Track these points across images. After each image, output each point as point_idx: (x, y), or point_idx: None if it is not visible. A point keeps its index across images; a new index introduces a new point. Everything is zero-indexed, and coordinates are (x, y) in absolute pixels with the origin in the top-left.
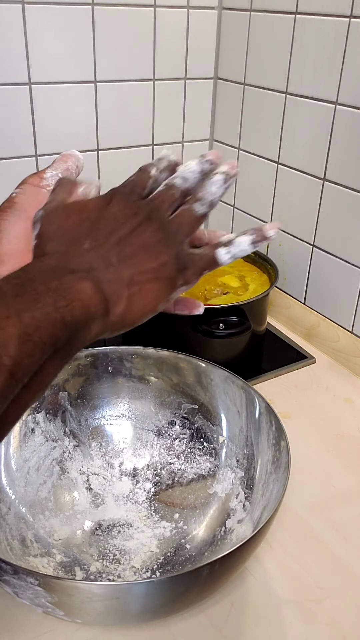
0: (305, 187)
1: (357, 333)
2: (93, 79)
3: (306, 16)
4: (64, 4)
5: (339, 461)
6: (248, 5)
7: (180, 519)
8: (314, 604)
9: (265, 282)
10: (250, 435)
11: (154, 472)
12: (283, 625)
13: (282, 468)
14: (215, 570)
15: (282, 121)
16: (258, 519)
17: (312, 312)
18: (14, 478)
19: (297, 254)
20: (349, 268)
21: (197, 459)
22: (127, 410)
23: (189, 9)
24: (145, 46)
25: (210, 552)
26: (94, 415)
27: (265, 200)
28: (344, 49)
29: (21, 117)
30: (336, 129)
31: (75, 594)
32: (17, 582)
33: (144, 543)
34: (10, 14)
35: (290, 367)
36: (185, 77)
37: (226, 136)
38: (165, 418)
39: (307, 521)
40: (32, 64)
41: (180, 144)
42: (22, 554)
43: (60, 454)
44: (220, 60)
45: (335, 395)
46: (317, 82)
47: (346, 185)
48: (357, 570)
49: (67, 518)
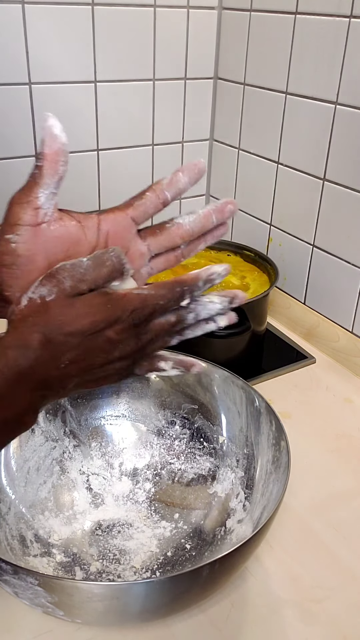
0: (305, 187)
1: (357, 333)
2: (93, 79)
3: (306, 16)
4: (64, 4)
5: (339, 461)
6: (248, 5)
7: (180, 519)
8: (314, 604)
9: (265, 282)
10: (250, 435)
11: (154, 472)
12: (283, 625)
13: (282, 468)
14: (215, 570)
15: (282, 121)
16: (258, 519)
17: (312, 312)
18: (14, 478)
19: (297, 254)
20: (349, 268)
21: (197, 459)
22: (127, 410)
23: (189, 9)
24: (145, 46)
25: (210, 552)
26: (94, 415)
27: (265, 200)
28: (344, 49)
29: (21, 117)
30: (336, 129)
31: (75, 594)
32: (17, 582)
33: (144, 543)
34: (10, 14)
35: (290, 367)
36: (185, 77)
37: (226, 136)
38: (165, 418)
39: (307, 521)
40: (32, 64)
41: (180, 144)
42: (22, 554)
43: (60, 454)
44: (220, 60)
45: (335, 395)
46: (317, 82)
47: (346, 185)
48: (357, 570)
49: (67, 518)
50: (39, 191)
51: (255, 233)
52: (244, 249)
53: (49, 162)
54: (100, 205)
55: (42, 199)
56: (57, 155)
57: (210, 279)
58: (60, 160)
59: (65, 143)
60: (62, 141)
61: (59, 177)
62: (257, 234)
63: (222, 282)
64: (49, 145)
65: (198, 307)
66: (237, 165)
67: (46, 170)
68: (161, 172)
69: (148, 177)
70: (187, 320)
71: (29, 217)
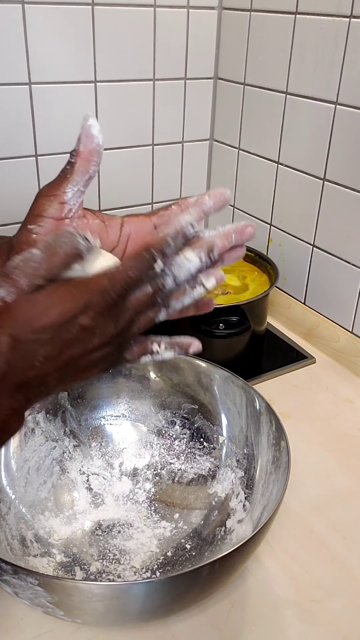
0: (305, 187)
1: (357, 333)
2: (93, 79)
3: (306, 16)
4: (64, 4)
5: (339, 461)
6: (248, 5)
7: (180, 519)
8: (314, 604)
9: (265, 282)
10: (250, 435)
11: (154, 472)
12: (283, 625)
13: (282, 468)
14: (215, 570)
15: (282, 121)
16: (258, 519)
17: (312, 312)
18: (14, 478)
19: (297, 254)
20: (349, 268)
21: (197, 459)
22: (127, 410)
23: (189, 9)
24: (145, 46)
25: (210, 552)
26: (94, 415)
27: (265, 200)
28: (344, 49)
29: (21, 117)
30: (336, 129)
31: (75, 594)
32: (17, 582)
33: (144, 543)
34: (10, 14)
35: (290, 367)
36: (185, 77)
37: (226, 136)
38: (165, 418)
39: (307, 521)
40: (32, 64)
41: (180, 144)
42: (22, 554)
43: (60, 454)
44: (220, 60)
45: (335, 395)
46: (317, 82)
47: (346, 185)
48: (357, 570)
49: (67, 518)
50: (67, 187)
51: (255, 233)
52: None
53: (82, 160)
54: (100, 205)
55: (69, 195)
56: (91, 154)
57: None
58: (93, 159)
59: (100, 145)
60: (98, 142)
61: (89, 176)
62: (257, 233)
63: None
64: (84, 143)
65: (174, 269)
66: (237, 165)
67: (78, 168)
68: (161, 172)
69: (148, 177)
70: (167, 286)
71: (53, 210)
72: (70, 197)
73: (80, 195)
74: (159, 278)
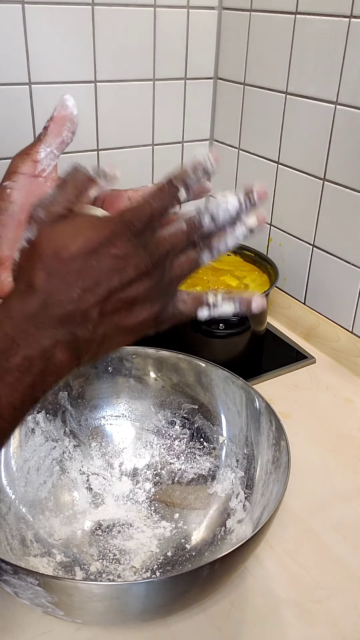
0: (305, 187)
1: (357, 333)
2: (93, 79)
3: (306, 16)
4: (64, 4)
5: (339, 461)
6: (248, 5)
7: (180, 519)
8: (314, 604)
9: (265, 282)
10: (250, 435)
11: (154, 472)
12: (283, 625)
13: (282, 468)
14: (215, 570)
15: (282, 121)
16: (258, 519)
17: (312, 312)
18: (14, 478)
19: (297, 254)
20: (349, 268)
21: (197, 459)
22: (127, 410)
23: (189, 9)
24: (145, 46)
25: (210, 552)
26: (94, 415)
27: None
28: (344, 49)
29: (21, 117)
30: (336, 129)
31: (75, 594)
32: (17, 582)
33: (144, 543)
34: (10, 14)
35: (290, 367)
36: (185, 77)
37: (226, 136)
38: (165, 418)
39: (307, 521)
40: (32, 64)
41: (180, 144)
42: (22, 554)
43: (60, 454)
44: (220, 60)
45: (335, 395)
46: (317, 82)
47: (346, 185)
48: (357, 570)
49: (67, 518)
50: (41, 147)
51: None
52: (244, 248)
53: (54, 124)
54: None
55: (42, 155)
56: (64, 119)
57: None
58: (65, 124)
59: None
60: (72, 112)
61: (62, 140)
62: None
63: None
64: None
65: (211, 208)
66: (237, 165)
67: (51, 131)
68: (161, 172)
69: (148, 177)
70: (205, 225)
71: (27, 167)
72: (43, 157)
73: (53, 158)
74: (195, 216)
